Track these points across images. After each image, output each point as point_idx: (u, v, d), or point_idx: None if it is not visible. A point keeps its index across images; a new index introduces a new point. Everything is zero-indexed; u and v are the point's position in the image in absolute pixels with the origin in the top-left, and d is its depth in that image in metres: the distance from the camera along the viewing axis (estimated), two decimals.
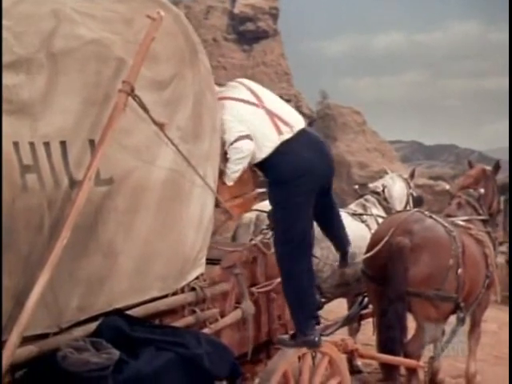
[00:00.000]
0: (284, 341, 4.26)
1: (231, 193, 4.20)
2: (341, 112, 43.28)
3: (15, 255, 2.86)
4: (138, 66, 3.21)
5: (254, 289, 4.36)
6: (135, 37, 3.35)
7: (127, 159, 3.33)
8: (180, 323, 3.65)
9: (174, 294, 3.69)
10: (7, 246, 2.80)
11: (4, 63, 2.88)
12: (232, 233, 6.23)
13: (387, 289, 5.19)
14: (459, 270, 5.28)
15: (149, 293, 3.53)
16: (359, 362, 6.50)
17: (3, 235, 2.77)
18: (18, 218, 2.85)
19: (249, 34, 43.37)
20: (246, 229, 6.00)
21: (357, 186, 8.02)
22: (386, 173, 7.85)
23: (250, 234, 5.73)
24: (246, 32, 43.41)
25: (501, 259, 9.39)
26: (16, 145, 2.87)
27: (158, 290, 3.59)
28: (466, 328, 5.99)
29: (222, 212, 4.14)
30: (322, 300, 4.88)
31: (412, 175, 7.81)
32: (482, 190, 6.26)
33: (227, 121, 4.03)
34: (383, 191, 7.23)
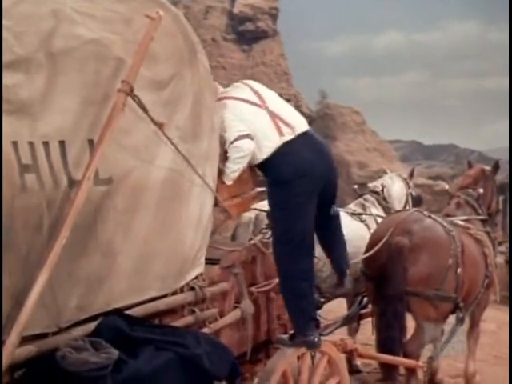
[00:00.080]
0: (283, 340, 4.26)
1: (230, 192, 4.20)
2: (340, 112, 43.25)
3: (14, 255, 2.86)
4: (137, 65, 3.21)
5: (253, 288, 4.36)
6: (134, 36, 3.35)
7: (126, 159, 3.33)
8: (179, 323, 3.65)
9: (174, 293, 3.69)
10: (6, 246, 2.80)
11: (3, 63, 2.87)
12: (231, 232, 6.23)
13: (386, 288, 5.19)
14: (458, 270, 5.29)
15: (148, 292, 3.53)
16: (358, 362, 6.50)
17: (3, 235, 2.77)
18: (17, 218, 2.85)
19: (248, 34, 43.33)
20: (245, 228, 6.01)
21: (356, 186, 8.02)
22: (386, 172, 7.86)
23: (250, 233, 5.74)
24: (245, 32, 43.38)
25: (500, 259, 9.38)
26: (15, 144, 2.87)
27: (157, 289, 3.59)
28: (465, 328, 5.99)
29: (220, 211, 4.14)
30: (322, 300, 4.87)
31: (411, 175, 7.81)
32: (481, 190, 6.26)
33: (228, 119, 4.04)
34: (382, 191, 7.24)
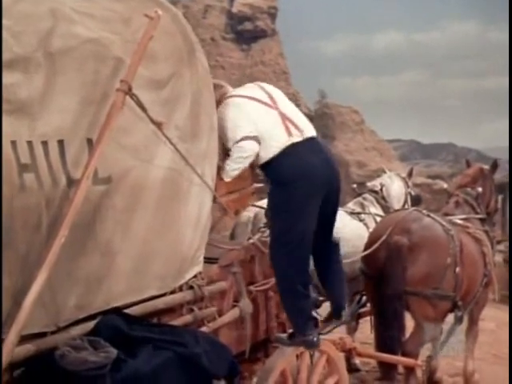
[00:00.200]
0: (282, 339, 4.26)
1: (228, 188, 4.20)
2: (339, 111, 43.25)
3: (13, 254, 2.86)
4: (135, 65, 3.21)
5: (251, 287, 4.36)
6: (133, 36, 3.35)
7: (125, 158, 3.33)
8: (178, 322, 3.65)
9: (172, 292, 3.69)
10: (5, 245, 2.80)
11: (3, 62, 2.88)
12: (230, 231, 6.23)
13: (385, 288, 5.19)
14: (457, 269, 5.29)
15: (147, 292, 3.53)
16: (357, 361, 6.49)
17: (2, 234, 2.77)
18: (16, 217, 2.85)
19: (247, 34, 43.34)
20: (244, 227, 6.01)
21: (355, 185, 8.02)
22: (384, 172, 7.85)
23: (248, 232, 5.73)
24: (244, 31, 43.39)
25: (499, 258, 9.41)
26: (14, 144, 2.87)
27: (156, 288, 3.59)
28: (464, 327, 5.99)
29: (218, 209, 4.14)
30: (320, 298, 4.86)
31: (410, 174, 7.81)
32: (480, 189, 6.26)
33: (236, 119, 4.04)
34: (381, 190, 7.24)
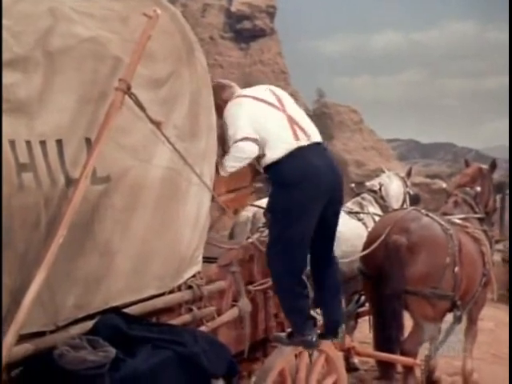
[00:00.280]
0: (281, 338, 4.26)
1: (227, 187, 4.20)
2: (338, 110, 43.30)
3: (12, 253, 2.85)
4: (134, 64, 3.20)
5: (250, 287, 4.36)
6: (132, 35, 3.34)
7: (124, 158, 3.32)
8: (177, 321, 3.65)
9: (171, 292, 3.69)
10: (4, 245, 2.79)
11: (3, 62, 2.87)
12: (229, 231, 6.22)
13: (384, 287, 5.19)
14: (456, 269, 5.29)
15: (146, 291, 3.53)
16: (356, 360, 6.49)
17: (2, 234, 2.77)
18: (15, 217, 2.84)
19: (246, 33, 43.37)
20: (242, 227, 6.00)
21: (353, 185, 8.00)
22: (383, 171, 7.85)
23: (247, 232, 5.72)
24: (242, 30, 43.42)
25: (497, 257, 9.40)
26: (12, 143, 2.86)
27: (154, 288, 3.59)
28: (463, 326, 5.99)
29: (217, 208, 4.14)
30: None
31: (409, 173, 7.81)
32: (479, 189, 6.27)
33: (240, 119, 4.05)
34: (380, 189, 7.23)
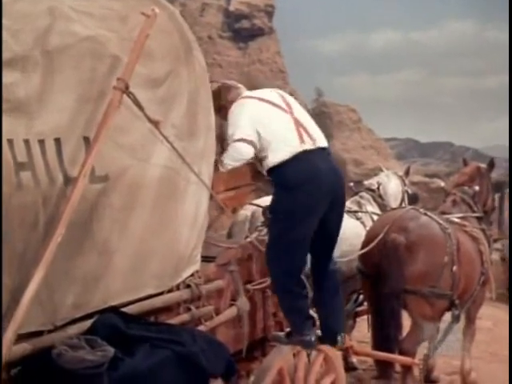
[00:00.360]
0: (279, 338, 4.26)
1: (226, 185, 4.20)
2: (336, 110, 43.31)
3: (10, 252, 2.85)
4: (132, 63, 3.19)
5: (249, 286, 4.35)
6: (130, 34, 3.34)
7: (122, 157, 3.32)
8: (175, 320, 3.64)
9: (170, 291, 3.68)
10: (3, 244, 2.79)
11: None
12: (227, 230, 6.22)
13: (383, 286, 5.20)
14: (454, 267, 5.29)
15: (144, 290, 3.52)
16: (354, 359, 6.50)
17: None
18: (13, 216, 2.84)
19: (244, 32, 43.36)
20: (241, 226, 6.00)
21: (352, 184, 8.01)
22: (381, 170, 7.85)
23: (246, 231, 5.73)
24: (241, 30, 43.42)
25: (496, 256, 9.41)
26: (10, 142, 2.86)
27: (153, 287, 3.58)
28: (461, 325, 6.00)
29: (215, 207, 4.14)
30: None
31: (407, 172, 7.81)
32: (477, 188, 6.27)
33: (242, 119, 4.05)
34: (378, 188, 7.24)
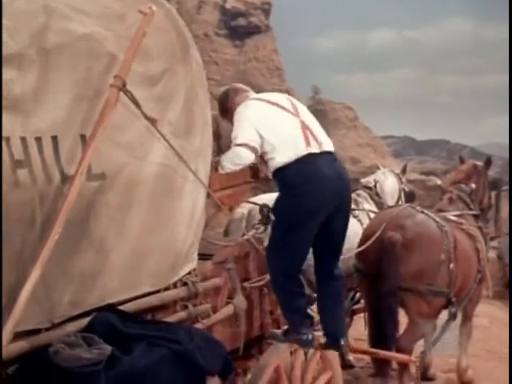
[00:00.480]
0: (276, 335, 4.26)
1: (222, 184, 4.20)
2: (333, 107, 43.31)
3: (7, 250, 2.85)
4: (129, 61, 3.19)
5: (246, 284, 4.35)
6: (127, 32, 3.33)
7: (119, 155, 3.31)
8: (172, 318, 3.64)
9: (166, 289, 3.68)
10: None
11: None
12: (224, 228, 6.22)
13: (379, 284, 5.21)
14: (451, 265, 5.31)
15: (141, 288, 3.52)
16: (351, 357, 6.52)
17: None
18: (10, 213, 2.84)
19: (241, 30, 43.30)
20: (238, 224, 6.00)
21: None
22: (378, 168, 7.87)
23: (242, 229, 5.72)
24: (237, 27, 43.35)
25: (492, 254, 9.44)
26: (7, 140, 2.85)
27: (150, 285, 3.58)
28: (458, 323, 6.01)
29: (212, 205, 4.13)
30: (314, 295, 4.86)
31: (404, 170, 7.83)
32: (474, 185, 6.29)
33: (245, 121, 4.03)
34: (375, 186, 7.26)
